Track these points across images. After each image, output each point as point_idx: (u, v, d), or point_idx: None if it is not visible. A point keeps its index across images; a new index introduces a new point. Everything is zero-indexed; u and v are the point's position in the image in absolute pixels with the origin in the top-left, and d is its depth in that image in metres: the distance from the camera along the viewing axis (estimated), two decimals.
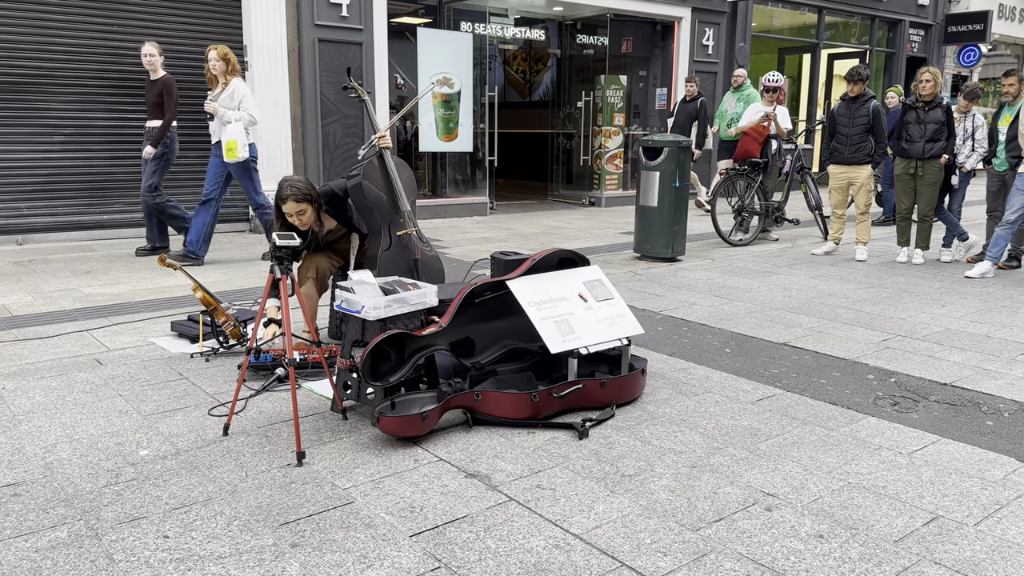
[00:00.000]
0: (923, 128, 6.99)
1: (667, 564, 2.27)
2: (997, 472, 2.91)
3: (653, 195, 7.09)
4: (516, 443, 3.11)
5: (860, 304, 5.62)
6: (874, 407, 3.59)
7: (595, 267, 3.88)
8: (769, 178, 8.33)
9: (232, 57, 6.56)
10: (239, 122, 6.46)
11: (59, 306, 5.19)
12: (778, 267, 7.07)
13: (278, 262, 3.07)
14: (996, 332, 4.90)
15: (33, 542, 2.34)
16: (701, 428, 3.30)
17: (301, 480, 2.76)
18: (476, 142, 10.48)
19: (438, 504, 2.60)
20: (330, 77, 8.84)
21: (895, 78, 15.62)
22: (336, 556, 2.29)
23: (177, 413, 3.37)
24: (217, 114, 6.51)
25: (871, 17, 15.04)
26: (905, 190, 7.25)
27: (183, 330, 4.48)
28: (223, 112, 6.46)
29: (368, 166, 4.14)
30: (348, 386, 3.33)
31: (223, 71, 6.52)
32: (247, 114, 6.50)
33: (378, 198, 4.14)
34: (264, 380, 3.79)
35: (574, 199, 12.36)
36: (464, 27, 10.26)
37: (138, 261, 6.82)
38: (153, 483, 2.72)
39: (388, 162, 4.21)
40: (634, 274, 6.65)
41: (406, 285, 3.57)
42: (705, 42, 12.40)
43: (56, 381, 3.76)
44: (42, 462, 2.88)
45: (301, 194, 3.69)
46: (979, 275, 6.61)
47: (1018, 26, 17.82)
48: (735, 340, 4.66)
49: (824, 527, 2.49)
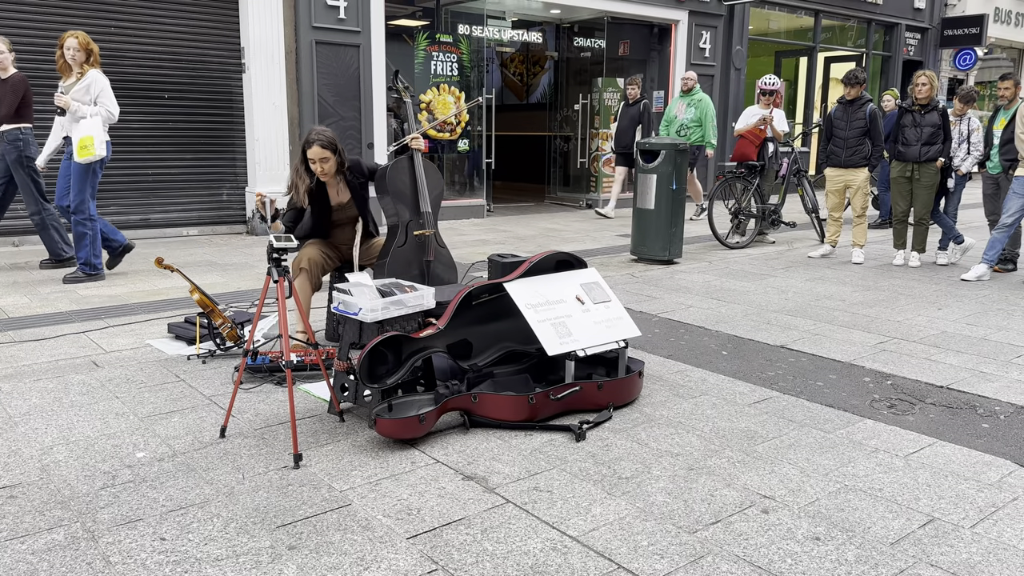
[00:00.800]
0: (919, 131, 7.01)
1: (664, 566, 2.27)
2: (993, 475, 2.92)
3: (650, 198, 7.10)
4: (513, 445, 3.11)
5: (856, 307, 5.63)
6: (870, 409, 3.59)
7: (592, 269, 3.89)
8: (766, 181, 8.34)
9: (95, 48, 5.98)
10: (95, 117, 5.82)
11: (55, 308, 5.18)
12: (775, 270, 7.08)
13: (275, 264, 3.07)
14: (992, 335, 4.91)
15: (29, 544, 2.33)
16: (698, 430, 3.30)
17: (298, 482, 2.76)
18: (473, 144, 10.49)
19: (435, 506, 2.60)
20: (327, 79, 8.85)
21: (891, 81, 15.66)
22: (333, 558, 2.29)
23: (174, 415, 3.37)
24: (69, 108, 5.81)
25: (867, 20, 15.08)
26: (901, 193, 7.26)
27: (180, 332, 4.48)
28: (76, 106, 5.80)
29: (398, 162, 4.28)
30: (345, 388, 3.33)
31: (82, 61, 5.88)
32: (105, 109, 5.89)
33: (400, 193, 4.24)
34: (260, 382, 3.79)
35: (571, 202, 12.37)
36: (462, 29, 10.27)
37: (135, 262, 6.81)
38: (150, 485, 2.72)
39: (417, 163, 4.30)
40: (631, 276, 6.65)
41: (403, 287, 3.57)
42: (702, 45, 12.42)
43: (52, 383, 3.75)
44: (38, 464, 2.87)
45: (327, 140, 3.91)
46: (975, 278, 6.62)
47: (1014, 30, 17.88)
48: (732, 342, 4.67)
49: (821, 529, 2.49)
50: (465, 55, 10.12)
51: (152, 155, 8.13)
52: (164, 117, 8.15)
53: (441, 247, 4.43)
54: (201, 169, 8.47)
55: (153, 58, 8.00)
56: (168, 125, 8.18)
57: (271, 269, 3.08)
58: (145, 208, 8.18)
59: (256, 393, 3.66)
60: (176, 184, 8.34)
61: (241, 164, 8.68)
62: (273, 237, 3.06)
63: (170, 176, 8.28)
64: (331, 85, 8.88)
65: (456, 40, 10.04)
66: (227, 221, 8.70)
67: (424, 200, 4.29)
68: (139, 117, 7.99)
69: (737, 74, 12.99)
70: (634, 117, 10.32)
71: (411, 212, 4.25)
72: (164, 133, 8.17)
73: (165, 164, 8.24)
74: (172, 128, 8.21)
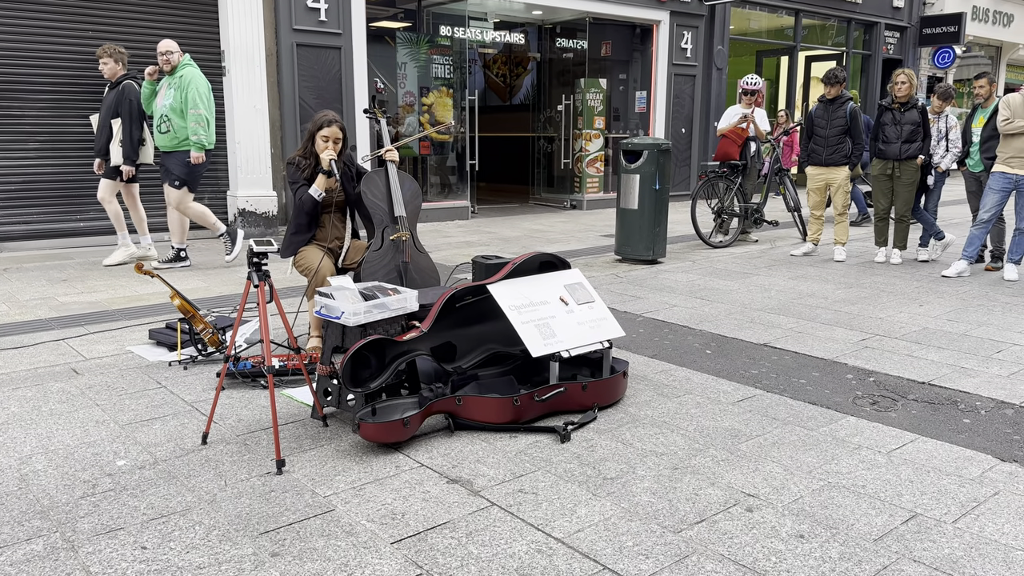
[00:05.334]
0: (899, 129, 7.06)
1: (649, 566, 2.27)
2: (974, 470, 2.94)
3: (633, 198, 7.11)
4: (498, 447, 3.10)
5: (839, 304, 5.67)
6: (853, 406, 3.61)
7: (576, 270, 3.89)
8: (748, 180, 8.38)
9: None
10: None
11: (35, 315, 5.12)
12: (758, 268, 7.11)
13: (255, 268, 3.05)
14: (973, 331, 4.95)
15: (8, 555, 2.30)
16: (682, 430, 3.30)
17: (281, 488, 2.74)
18: (457, 146, 10.47)
19: (420, 510, 2.59)
20: (309, 82, 8.80)
21: (871, 80, 15.79)
22: (317, 565, 2.27)
23: (155, 422, 3.34)
24: None
25: (847, 19, 15.19)
26: (882, 191, 7.32)
27: (161, 338, 4.44)
28: None
29: (375, 171, 4.44)
30: (328, 393, 3.31)
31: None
32: None
33: (375, 198, 4.44)
34: (243, 388, 3.76)
35: (555, 202, 12.38)
36: (444, 31, 10.25)
37: (115, 269, 6.75)
38: (131, 493, 2.69)
39: (391, 174, 4.47)
40: (615, 276, 6.66)
41: (386, 290, 3.55)
42: (684, 45, 12.47)
43: (31, 391, 3.70)
44: (17, 474, 2.83)
45: (341, 125, 4.15)
46: (955, 274, 6.68)
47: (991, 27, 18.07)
48: (716, 341, 4.68)
49: (805, 527, 2.50)
50: (450, 57, 10.14)
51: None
52: None
53: (420, 252, 4.46)
54: None
55: (132, 62, 7.92)
56: None
57: (251, 273, 3.05)
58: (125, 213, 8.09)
59: (238, 399, 3.63)
60: (156, 189, 8.25)
61: (222, 168, 8.61)
62: (253, 241, 3.03)
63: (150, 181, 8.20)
64: (312, 88, 8.83)
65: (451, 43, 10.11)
66: None
67: (399, 205, 4.37)
68: None
69: (719, 74, 13.05)
70: None
71: (387, 218, 4.35)
72: None
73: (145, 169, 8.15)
74: None
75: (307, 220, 4.19)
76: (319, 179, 4.08)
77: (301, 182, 4.14)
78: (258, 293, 3.04)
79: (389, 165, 4.48)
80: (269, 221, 8.66)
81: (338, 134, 4.11)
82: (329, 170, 4.00)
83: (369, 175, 4.40)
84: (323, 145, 4.08)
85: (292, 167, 4.16)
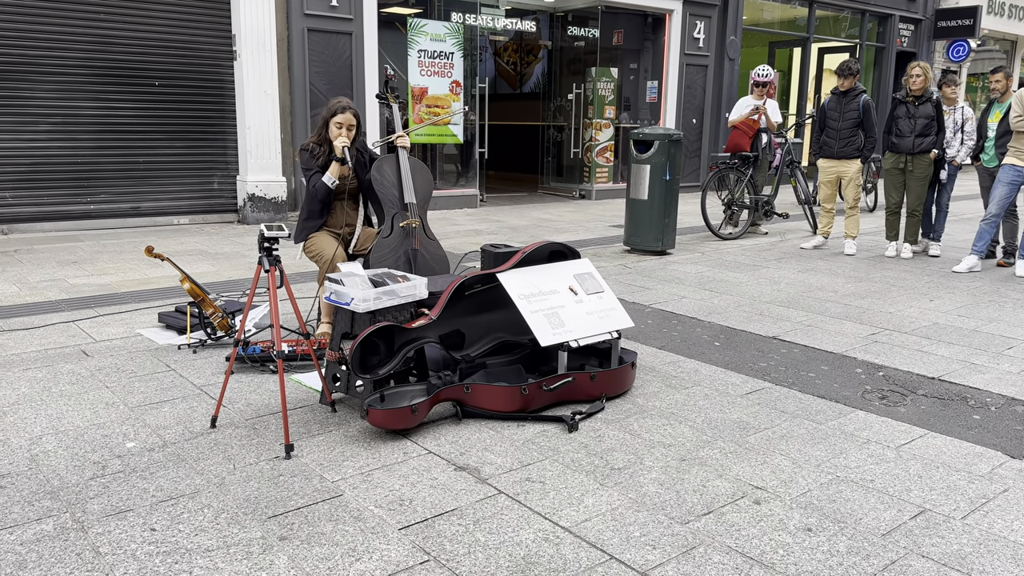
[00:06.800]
0: (913, 123, 7.01)
1: (656, 557, 2.27)
2: (984, 466, 2.93)
3: (643, 188, 7.09)
4: (506, 436, 3.10)
5: (849, 298, 5.64)
6: (862, 401, 3.60)
7: (585, 260, 3.88)
8: (759, 172, 8.34)
9: None
10: None
11: (45, 297, 5.14)
12: (767, 261, 7.09)
13: (266, 253, 3.05)
14: (983, 326, 4.93)
15: (18, 535, 2.31)
16: (690, 421, 3.30)
17: (289, 473, 2.75)
18: (466, 134, 10.44)
19: (427, 497, 2.60)
20: (319, 67, 8.78)
21: (885, 73, 15.66)
22: (325, 549, 2.28)
23: (164, 405, 3.35)
24: None
25: (861, 11, 15.06)
26: (895, 184, 7.27)
27: (170, 321, 4.45)
28: None
29: (386, 157, 4.42)
30: (337, 379, 3.32)
31: None
32: None
33: (386, 185, 4.43)
34: (252, 372, 3.77)
35: (564, 192, 12.34)
36: (455, 17, 10.21)
37: (125, 251, 6.77)
38: (140, 475, 2.70)
39: (403, 159, 4.45)
40: (624, 267, 6.65)
41: (396, 277, 3.55)
42: (696, 35, 12.38)
43: (42, 372, 3.72)
44: (27, 454, 2.85)
45: (355, 111, 4.15)
46: (966, 269, 6.64)
47: (1007, 21, 17.88)
48: (724, 333, 4.67)
49: (812, 520, 2.50)
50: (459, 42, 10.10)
51: (142, 143, 8.06)
52: (154, 104, 8.08)
53: (430, 239, 4.46)
54: (192, 157, 8.41)
55: (143, 45, 7.92)
56: (158, 112, 8.11)
57: (262, 258, 3.05)
58: (136, 196, 8.12)
59: (247, 383, 3.64)
60: (167, 172, 8.27)
61: (232, 152, 8.62)
62: (264, 226, 3.03)
63: (160, 164, 8.22)
64: (323, 73, 8.82)
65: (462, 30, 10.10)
66: (218, 210, 8.64)
67: (409, 192, 4.37)
68: (129, 104, 7.92)
69: (731, 64, 12.96)
70: None
71: (397, 204, 4.34)
72: (154, 121, 8.10)
73: (155, 152, 8.17)
74: (162, 116, 8.14)
75: (320, 207, 4.19)
76: (332, 167, 4.07)
77: (315, 169, 4.13)
78: (268, 278, 3.04)
79: (400, 151, 4.47)
80: (278, 206, 8.67)
81: (352, 120, 4.11)
82: (343, 158, 3.99)
83: (380, 161, 4.39)
84: (337, 132, 4.07)
85: (306, 154, 4.15)
